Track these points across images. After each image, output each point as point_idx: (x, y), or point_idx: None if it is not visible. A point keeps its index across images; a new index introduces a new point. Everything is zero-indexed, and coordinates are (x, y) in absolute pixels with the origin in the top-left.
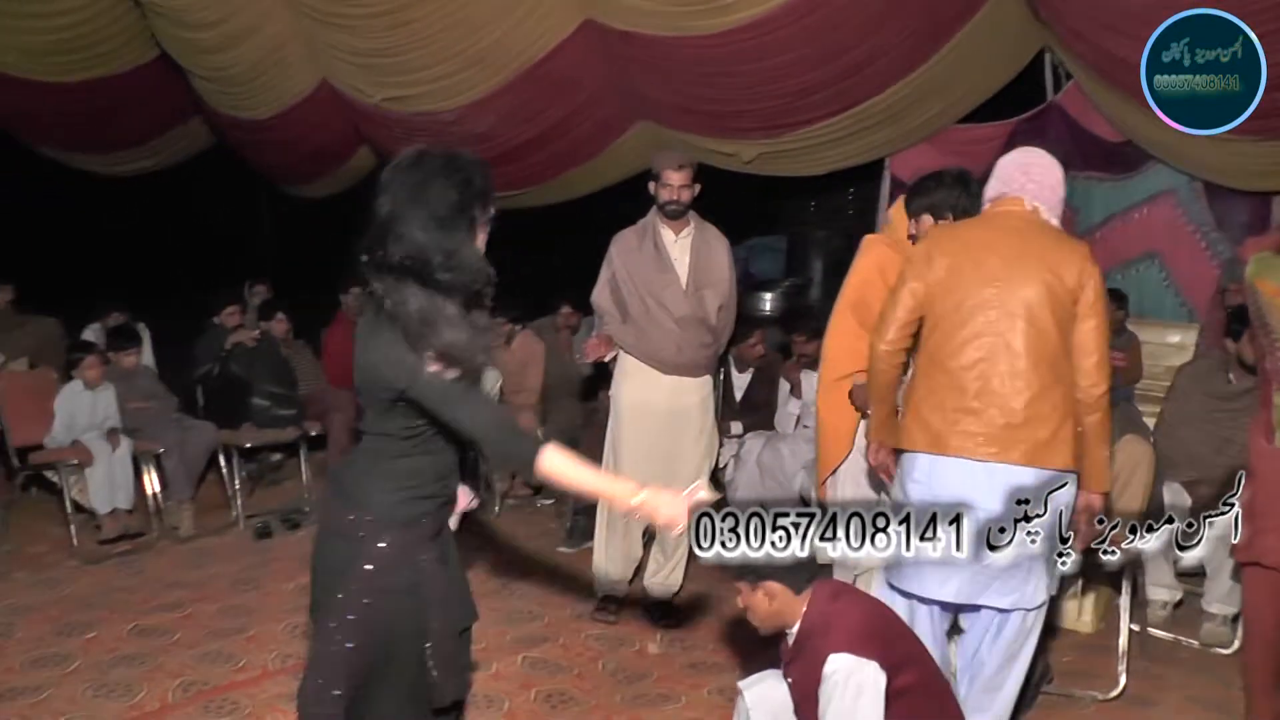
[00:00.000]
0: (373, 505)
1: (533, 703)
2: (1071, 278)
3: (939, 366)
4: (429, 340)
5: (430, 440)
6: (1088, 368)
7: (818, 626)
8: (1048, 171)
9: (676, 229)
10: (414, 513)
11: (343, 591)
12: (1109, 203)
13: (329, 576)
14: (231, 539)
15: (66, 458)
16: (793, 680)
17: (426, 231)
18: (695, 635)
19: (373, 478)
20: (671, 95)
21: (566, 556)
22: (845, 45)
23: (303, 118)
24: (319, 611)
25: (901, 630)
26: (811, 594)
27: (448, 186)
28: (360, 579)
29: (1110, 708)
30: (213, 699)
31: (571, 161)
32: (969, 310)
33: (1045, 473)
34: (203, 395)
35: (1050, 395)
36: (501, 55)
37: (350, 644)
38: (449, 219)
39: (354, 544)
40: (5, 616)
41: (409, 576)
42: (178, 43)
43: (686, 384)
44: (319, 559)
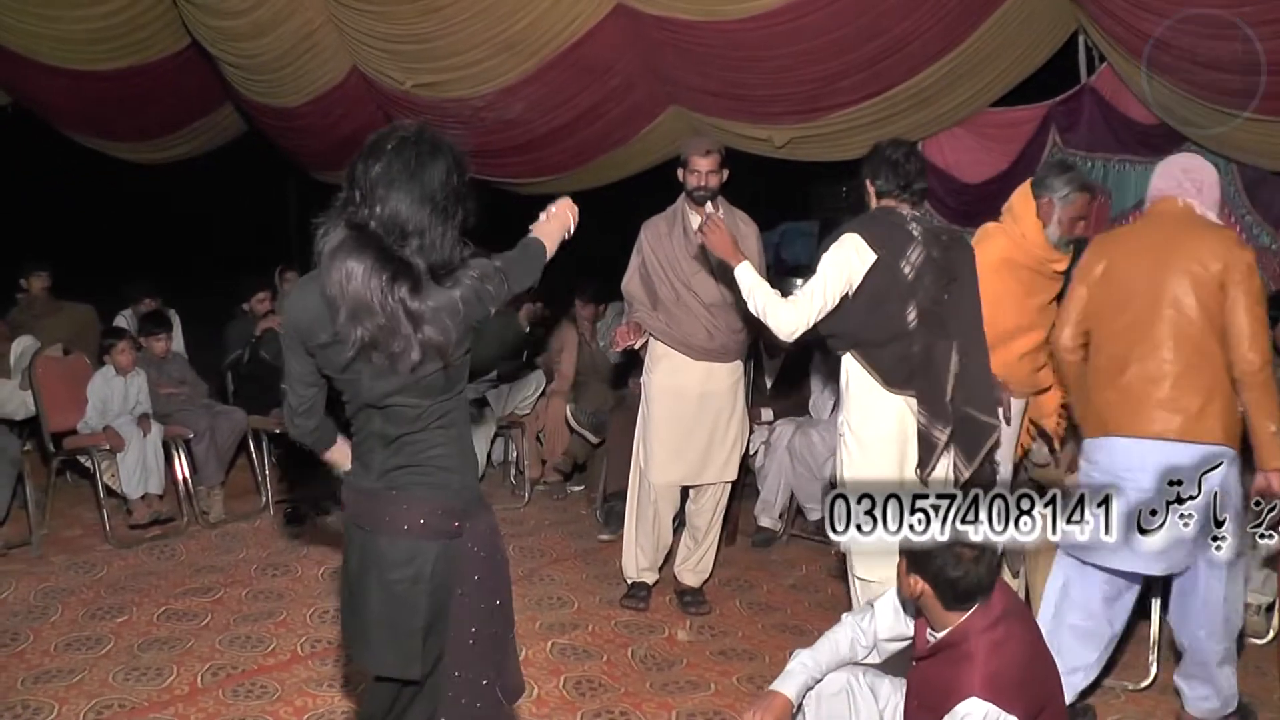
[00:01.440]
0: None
1: (562, 689)
2: (1216, 264)
3: (1101, 355)
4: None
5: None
6: (1241, 346)
7: (967, 650)
8: (1202, 170)
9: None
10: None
11: (463, 587)
12: (1142, 186)
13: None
14: (261, 524)
15: (99, 443)
16: (918, 676)
17: (413, 207)
18: (725, 622)
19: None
20: (704, 80)
21: (595, 543)
22: (879, 28)
23: (333, 105)
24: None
25: (1049, 668)
26: (972, 614)
27: (449, 171)
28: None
29: (1141, 697)
30: (242, 683)
31: (602, 148)
32: (1121, 304)
33: (1199, 448)
34: (233, 381)
35: (1198, 374)
36: (532, 41)
37: (485, 631)
38: (439, 202)
39: (457, 536)
40: (42, 599)
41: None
42: (209, 31)
43: (718, 369)
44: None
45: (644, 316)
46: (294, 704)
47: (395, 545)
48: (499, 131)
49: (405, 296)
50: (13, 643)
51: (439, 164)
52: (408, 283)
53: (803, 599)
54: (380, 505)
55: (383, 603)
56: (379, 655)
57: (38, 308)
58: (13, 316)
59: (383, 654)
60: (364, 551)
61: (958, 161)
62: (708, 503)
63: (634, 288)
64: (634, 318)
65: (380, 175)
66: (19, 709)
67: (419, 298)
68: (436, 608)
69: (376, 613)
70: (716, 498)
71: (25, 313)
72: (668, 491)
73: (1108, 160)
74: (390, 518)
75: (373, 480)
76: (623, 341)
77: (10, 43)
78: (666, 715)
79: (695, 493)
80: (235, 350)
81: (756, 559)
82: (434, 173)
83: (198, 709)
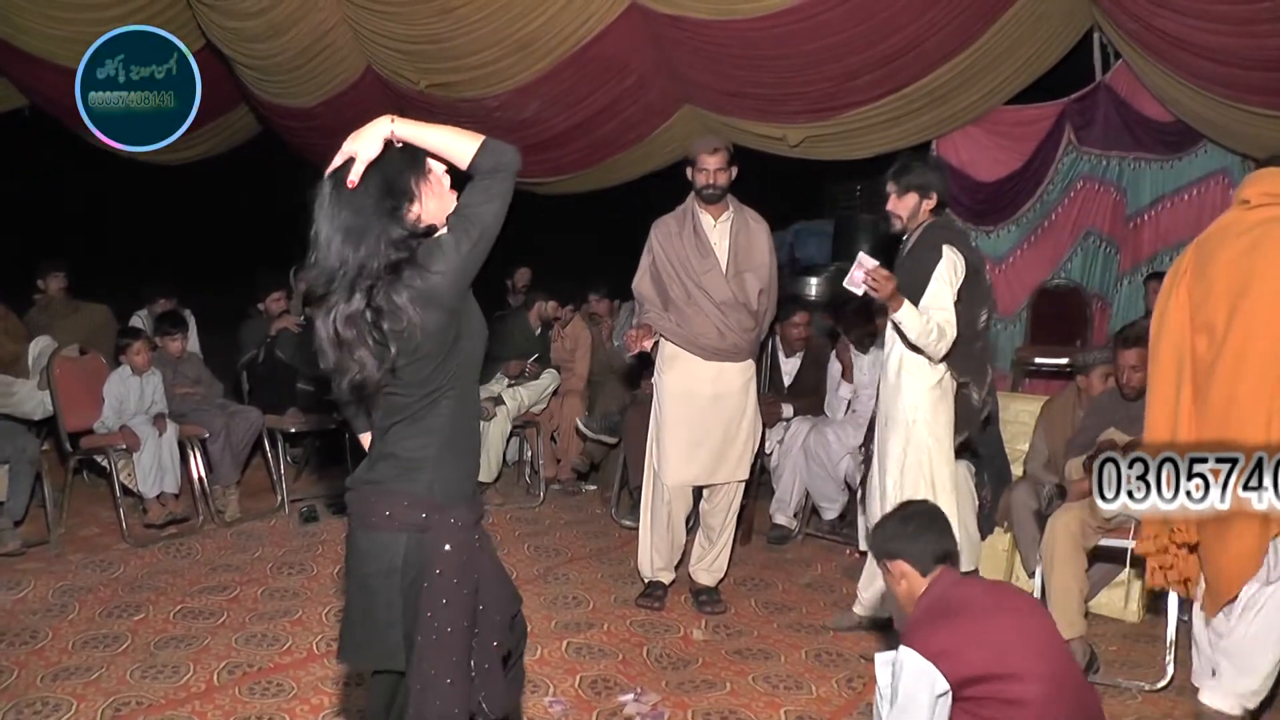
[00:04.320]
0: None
1: (577, 688)
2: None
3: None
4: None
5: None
6: None
7: (921, 612)
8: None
9: (715, 213)
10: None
11: (428, 580)
12: (1158, 184)
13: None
14: (276, 523)
15: (115, 442)
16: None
17: (340, 248)
18: (740, 622)
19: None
20: (718, 79)
21: (610, 542)
22: (894, 26)
23: (348, 105)
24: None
25: (1016, 643)
26: (937, 576)
27: (361, 194)
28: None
29: (1158, 698)
30: (258, 681)
31: (616, 147)
32: None
33: None
34: (248, 381)
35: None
36: (547, 41)
37: (449, 628)
38: (357, 227)
39: (426, 529)
40: (60, 597)
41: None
42: (223, 32)
43: (729, 369)
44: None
45: (654, 317)
46: (310, 702)
47: (369, 539)
48: (513, 131)
49: (382, 302)
50: (32, 640)
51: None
52: (382, 292)
53: (817, 598)
54: (360, 500)
55: (361, 597)
56: (362, 648)
57: (55, 308)
58: (30, 317)
59: (364, 647)
60: (348, 547)
61: (972, 160)
62: (721, 502)
63: (645, 288)
64: (644, 319)
65: (315, 231)
66: (39, 705)
67: (390, 297)
68: (413, 601)
69: (357, 607)
70: (730, 497)
71: (43, 313)
72: (681, 492)
73: (1123, 158)
74: (366, 512)
75: (365, 473)
76: (634, 345)
77: (25, 44)
78: (682, 714)
79: (709, 492)
80: (250, 350)
81: (771, 558)
82: (340, 200)
83: (214, 706)
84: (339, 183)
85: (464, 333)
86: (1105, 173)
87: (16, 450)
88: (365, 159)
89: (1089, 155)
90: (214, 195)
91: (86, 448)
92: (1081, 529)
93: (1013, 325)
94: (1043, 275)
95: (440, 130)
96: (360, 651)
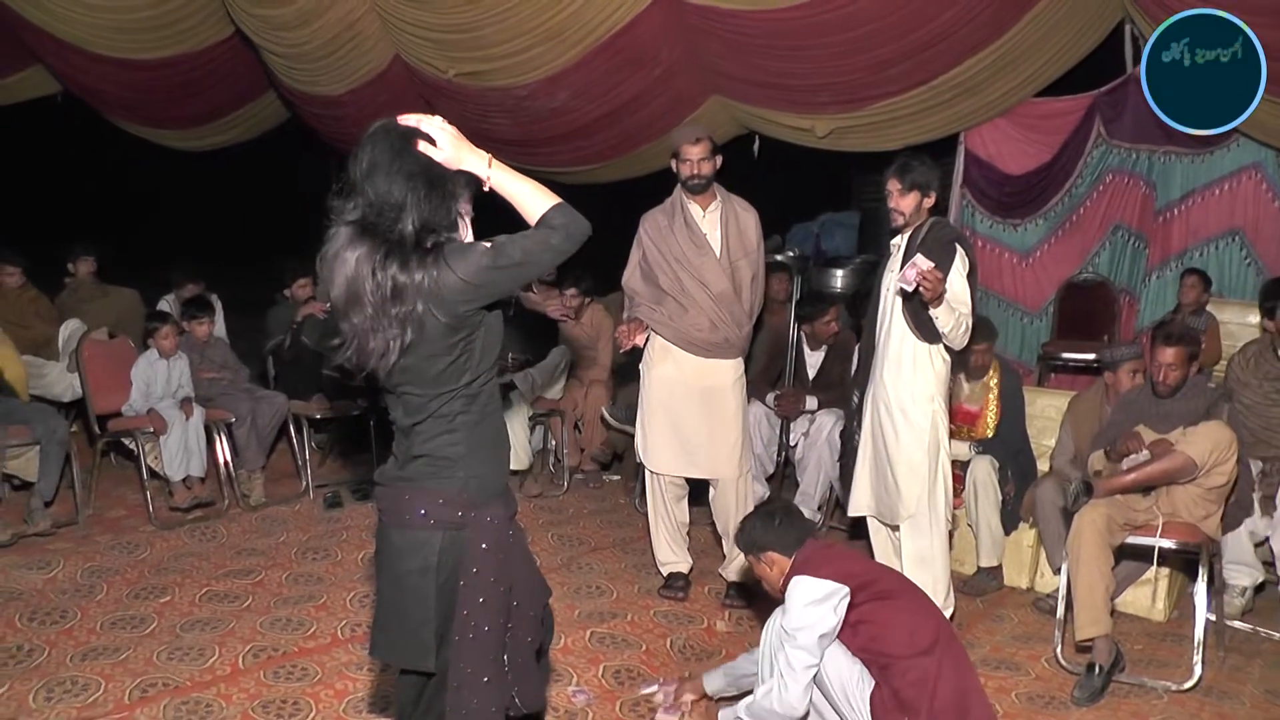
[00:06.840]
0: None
1: (600, 678)
2: None
3: None
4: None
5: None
6: None
7: (798, 566)
8: None
9: (704, 203)
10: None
11: (464, 578)
12: (1189, 178)
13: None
14: (301, 508)
15: (142, 425)
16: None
17: (398, 184)
18: (764, 614)
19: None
20: (747, 70)
21: (634, 532)
22: (925, 17)
23: (376, 94)
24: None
25: (882, 570)
26: (802, 550)
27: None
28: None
29: (1185, 699)
30: (283, 665)
31: (645, 137)
32: None
33: None
34: (274, 366)
35: None
36: (576, 30)
37: (485, 626)
38: (422, 177)
39: (463, 527)
40: (88, 578)
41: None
42: (253, 20)
43: (719, 365)
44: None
45: (645, 312)
46: (334, 687)
47: (404, 536)
48: (542, 120)
49: (396, 273)
50: (62, 619)
51: (415, 145)
52: (398, 260)
53: None
54: (392, 497)
55: (395, 594)
56: (395, 646)
57: (84, 291)
58: (60, 300)
59: (398, 645)
60: (381, 544)
61: (999, 153)
62: (726, 500)
63: (635, 283)
64: (635, 313)
65: (365, 166)
66: (69, 684)
67: (408, 271)
68: (447, 599)
69: (390, 604)
70: (733, 495)
71: (72, 296)
72: (669, 479)
73: (1153, 152)
74: (399, 509)
75: (397, 470)
76: (626, 341)
77: (59, 31)
78: (704, 706)
79: (715, 493)
80: (277, 336)
81: None
82: (412, 153)
83: (239, 689)
84: (421, 137)
85: (479, 336)
86: (1135, 166)
87: (47, 431)
88: (455, 134)
89: (1118, 148)
90: (241, 181)
91: (114, 430)
92: (1108, 526)
93: (1039, 320)
94: (1070, 269)
95: (528, 184)
96: (393, 649)
